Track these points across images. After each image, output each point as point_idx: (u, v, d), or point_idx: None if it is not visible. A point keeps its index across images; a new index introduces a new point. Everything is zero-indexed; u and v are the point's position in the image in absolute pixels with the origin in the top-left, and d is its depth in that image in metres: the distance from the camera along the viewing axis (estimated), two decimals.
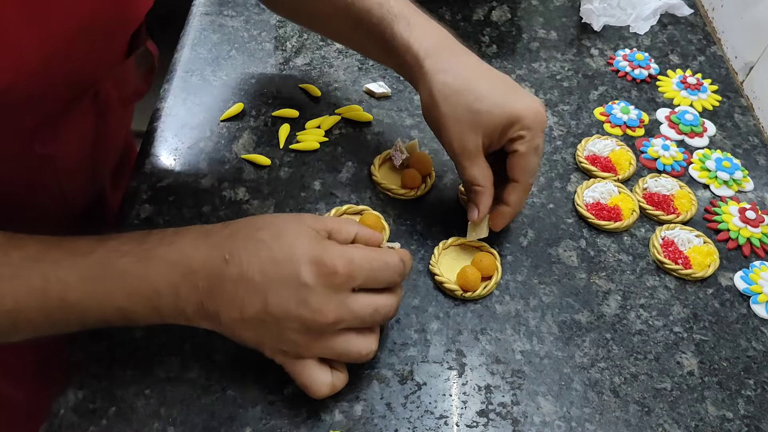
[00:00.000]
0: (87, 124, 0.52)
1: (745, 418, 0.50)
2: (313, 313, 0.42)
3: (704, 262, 0.59)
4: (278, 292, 0.42)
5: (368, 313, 0.44)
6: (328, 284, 0.43)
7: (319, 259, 0.43)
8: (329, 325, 0.43)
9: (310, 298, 0.42)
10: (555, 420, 0.49)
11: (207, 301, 0.43)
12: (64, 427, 0.46)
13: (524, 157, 0.51)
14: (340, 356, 0.45)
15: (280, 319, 0.43)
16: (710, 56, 0.81)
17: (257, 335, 0.44)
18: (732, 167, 0.67)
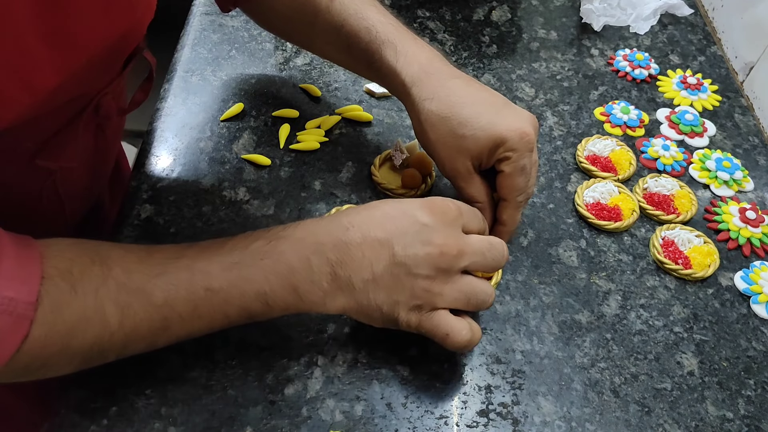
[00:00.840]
0: (87, 136, 0.52)
1: (746, 418, 0.50)
2: (439, 248, 0.45)
3: (704, 262, 0.59)
4: (402, 240, 0.45)
5: (486, 247, 0.47)
6: (444, 221, 0.46)
7: (430, 202, 0.47)
8: (455, 257, 0.45)
9: (432, 236, 0.45)
10: (555, 420, 0.49)
11: (339, 269, 0.45)
12: (65, 426, 0.46)
13: (510, 177, 0.52)
14: (468, 300, 0.46)
15: (411, 266, 0.45)
16: (710, 56, 0.81)
17: (391, 294, 0.45)
18: (732, 167, 0.67)
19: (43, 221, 0.53)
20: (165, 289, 0.43)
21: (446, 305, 0.46)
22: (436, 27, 0.80)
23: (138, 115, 0.68)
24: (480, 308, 0.48)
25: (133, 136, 1.62)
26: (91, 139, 0.53)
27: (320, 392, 0.49)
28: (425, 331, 0.46)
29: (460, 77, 0.54)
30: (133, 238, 0.57)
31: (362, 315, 0.47)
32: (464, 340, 0.46)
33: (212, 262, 0.44)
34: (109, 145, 0.58)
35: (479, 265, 0.47)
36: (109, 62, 0.48)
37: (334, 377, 0.50)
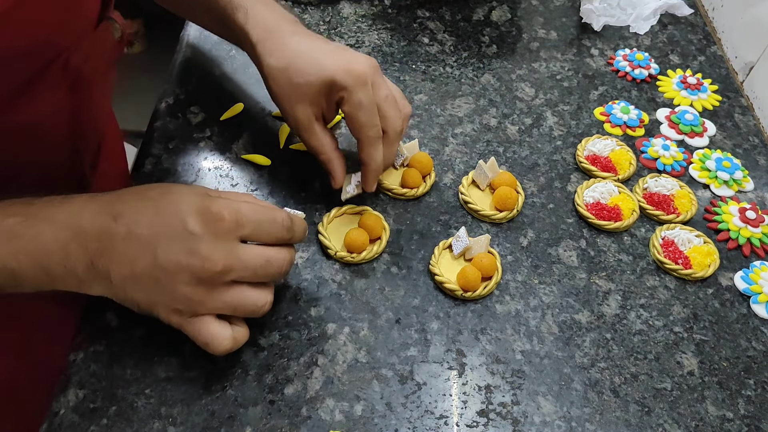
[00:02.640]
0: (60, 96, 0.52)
1: (745, 418, 0.50)
2: (202, 261, 0.43)
3: (704, 262, 0.59)
4: (167, 245, 0.43)
5: (260, 264, 0.45)
6: (215, 232, 0.44)
7: (205, 208, 0.44)
8: (220, 273, 0.44)
9: (198, 247, 0.43)
10: (555, 420, 0.49)
11: (97, 260, 0.43)
12: (64, 426, 0.46)
13: (350, 116, 0.53)
14: (235, 309, 0.45)
15: (171, 272, 0.43)
16: (710, 56, 0.81)
17: (150, 295, 0.44)
18: (732, 167, 0.67)
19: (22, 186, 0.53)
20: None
21: (208, 312, 0.45)
22: (436, 27, 0.80)
23: (138, 115, 0.68)
24: (252, 316, 0.47)
25: (133, 136, 1.62)
26: (65, 98, 0.52)
27: (320, 392, 0.49)
28: (187, 333, 0.46)
29: (300, 33, 0.56)
30: None
31: (119, 302, 0.46)
32: (224, 349, 0.45)
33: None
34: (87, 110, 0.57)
35: (249, 279, 0.46)
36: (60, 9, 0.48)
37: (334, 377, 0.50)
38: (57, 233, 0.43)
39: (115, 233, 0.44)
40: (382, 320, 0.53)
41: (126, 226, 0.44)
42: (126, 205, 0.45)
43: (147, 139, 0.65)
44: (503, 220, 0.61)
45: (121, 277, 0.44)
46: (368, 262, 0.57)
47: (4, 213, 0.43)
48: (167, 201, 0.45)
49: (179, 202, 0.45)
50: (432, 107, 0.70)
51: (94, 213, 0.44)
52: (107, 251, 0.43)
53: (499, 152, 0.67)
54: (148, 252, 0.43)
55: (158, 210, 0.45)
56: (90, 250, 0.43)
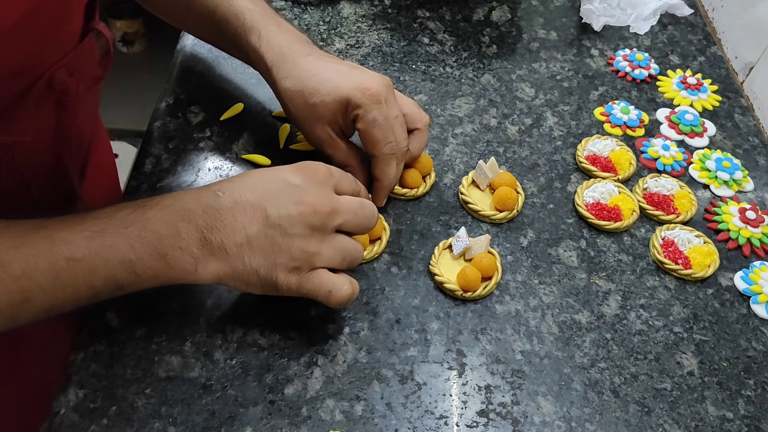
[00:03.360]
0: (45, 112, 0.52)
1: (745, 418, 0.50)
2: (312, 206, 0.46)
3: (704, 262, 0.59)
4: (274, 202, 0.46)
5: (357, 206, 0.49)
6: (314, 181, 0.48)
7: (300, 165, 0.49)
8: (328, 216, 0.47)
9: (303, 196, 0.47)
10: (555, 420, 0.49)
11: (209, 234, 0.45)
12: (64, 426, 0.46)
13: (365, 132, 0.55)
14: (344, 257, 0.48)
15: (285, 226, 0.46)
16: (710, 56, 0.81)
17: (267, 257, 0.46)
18: (732, 167, 0.67)
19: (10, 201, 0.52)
20: (23, 260, 0.41)
21: (324, 264, 0.47)
22: (436, 27, 0.80)
23: (138, 115, 0.68)
24: (352, 265, 0.50)
25: (133, 136, 1.62)
26: (50, 114, 0.52)
27: (320, 392, 0.49)
28: (306, 291, 0.47)
29: (313, 54, 0.57)
30: None
31: (239, 281, 0.47)
32: (347, 295, 0.48)
33: (74, 231, 0.43)
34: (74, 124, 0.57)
35: (352, 224, 0.49)
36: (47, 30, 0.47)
37: (334, 377, 0.50)
38: (165, 216, 0.45)
39: (222, 206, 0.46)
40: (382, 320, 0.53)
41: (230, 197, 0.46)
42: (225, 182, 0.48)
43: (147, 139, 0.65)
44: (503, 220, 0.61)
45: (237, 245, 0.45)
46: (368, 262, 0.57)
47: (114, 209, 0.45)
48: (260, 172, 0.48)
49: (273, 169, 0.49)
50: (432, 107, 0.70)
51: (196, 194, 0.46)
52: (218, 224, 0.45)
53: (499, 152, 0.67)
54: (258, 214, 0.46)
55: (256, 179, 0.48)
56: (200, 226, 0.45)
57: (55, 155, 0.56)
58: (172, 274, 0.45)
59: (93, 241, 0.43)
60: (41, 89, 0.49)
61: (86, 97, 0.57)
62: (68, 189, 0.60)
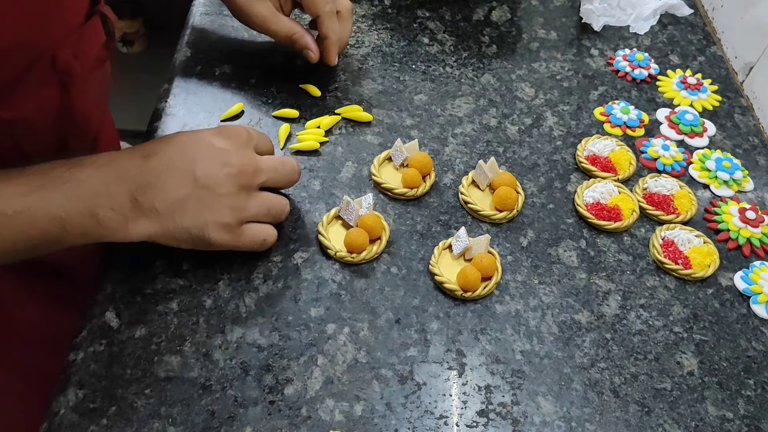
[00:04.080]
0: (49, 92, 0.53)
1: (745, 418, 0.50)
2: (237, 168, 0.50)
3: (704, 262, 0.59)
4: (203, 164, 0.49)
5: (278, 164, 0.53)
6: (238, 144, 0.51)
7: (222, 129, 0.52)
8: (253, 174, 0.51)
9: (229, 158, 0.50)
10: (555, 420, 0.49)
11: (141, 195, 0.47)
12: (64, 426, 0.46)
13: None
14: (269, 210, 0.52)
15: (213, 186, 0.48)
16: (710, 56, 0.81)
17: (197, 216, 0.48)
18: (732, 167, 0.67)
19: None
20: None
21: (251, 217, 0.51)
22: (436, 27, 0.80)
23: (138, 115, 0.68)
24: (279, 218, 0.54)
25: (133, 136, 1.62)
26: (54, 95, 0.54)
27: (320, 392, 0.49)
28: (242, 245, 0.51)
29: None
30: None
31: (170, 239, 0.49)
32: (272, 240, 0.53)
33: (10, 185, 0.45)
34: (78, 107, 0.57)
35: (275, 180, 0.53)
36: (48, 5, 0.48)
37: (334, 377, 0.50)
38: (100, 175, 0.47)
39: (153, 168, 0.48)
40: (382, 320, 0.53)
41: (161, 160, 0.48)
42: (155, 145, 0.50)
43: (147, 139, 0.65)
44: (503, 220, 0.61)
45: (167, 205, 0.47)
46: (368, 262, 0.57)
47: (51, 165, 0.47)
48: (186, 136, 0.51)
49: (200, 132, 0.52)
50: (432, 107, 0.70)
51: (128, 156, 0.49)
52: (149, 186, 0.47)
53: (499, 152, 0.67)
54: (187, 176, 0.48)
55: (185, 142, 0.50)
56: (131, 189, 0.47)
57: (60, 137, 0.56)
58: (102, 232, 0.47)
59: (29, 197, 0.45)
60: (43, 68, 0.51)
61: (91, 82, 0.58)
62: None
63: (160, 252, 0.56)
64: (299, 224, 0.59)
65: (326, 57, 0.65)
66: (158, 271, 0.55)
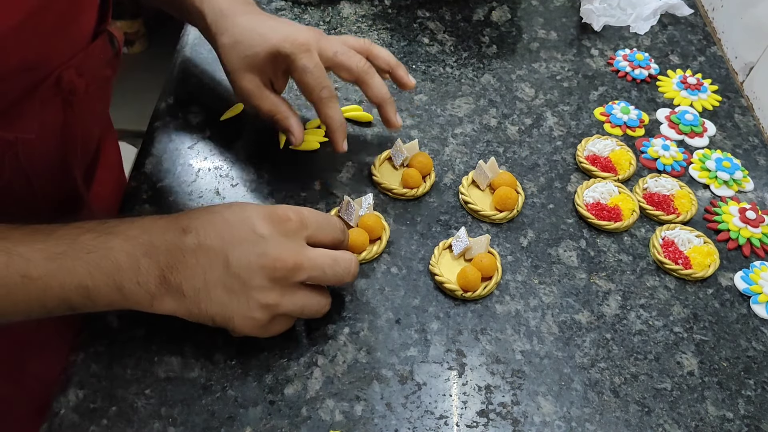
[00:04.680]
0: (52, 111, 0.52)
1: (745, 418, 0.50)
2: (274, 260, 0.45)
3: (704, 262, 0.59)
4: (238, 251, 0.45)
5: (327, 263, 0.47)
6: (282, 232, 0.46)
7: (271, 211, 0.47)
8: (291, 271, 0.45)
9: (268, 248, 0.45)
10: (555, 420, 0.49)
11: (169, 274, 0.44)
12: (64, 426, 0.46)
13: (299, 81, 0.57)
14: (303, 310, 0.48)
15: (244, 277, 0.44)
16: (710, 56, 0.81)
17: (224, 306, 0.45)
18: (732, 167, 0.67)
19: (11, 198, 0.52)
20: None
21: (281, 315, 0.47)
22: (436, 27, 0.80)
23: (138, 115, 0.68)
24: (313, 317, 0.49)
25: (133, 136, 1.62)
26: (57, 113, 0.53)
27: (320, 392, 0.49)
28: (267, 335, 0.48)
29: (251, 13, 0.59)
30: None
31: (194, 319, 0.46)
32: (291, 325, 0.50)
33: (35, 249, 0.42)
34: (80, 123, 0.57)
35: (319, 280, 0.47)
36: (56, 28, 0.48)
37: (334, 377, 0.50)
38: (129, 248, 0.44)
39: (186, 246, 0.45)
40: (382, 320, 0.53)
41: (196, 238, 0.45)
42: (193, 219, 0.46)
43: (147, 139, 0.65)
44: (503, 220, 0.61)
45: (194, 289, 0.44)
46: (368, 262, 0.57)
47: (80, 230, 0.44)
48: (232, 212, 0.47)
49: (245, 210, 0.47)
50: (432, 107, 0.70)
51: (163, 228, 0.45)
52: (179, 264, 0.44)
53: (499, 152, 0.67)
54: (219, 260, 0.44)
55: (225, 220, 0.46)
56: (161, 264, 0.44)
57: (61, 154, 0.56)
58: (127, 304, 0.45)
59: (52, 263, 0.42)
60: (49, 87, 0.50)
61: (95, 98, 0.58)
62: (72, 188, 0.60)
63: None
64: None
65: (333, 145, 0.59)
66: None
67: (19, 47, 0.44)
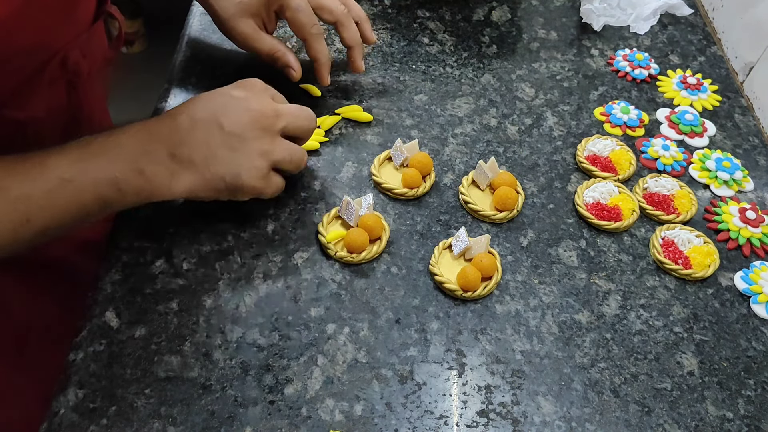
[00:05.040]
0: (58, 92, 0.55)
1: (745, 418, 0.50)
2: (259, 112, 0.52)
3: (704, 262, 0.59)
4: (226, 115, 0.51)
5: (296, 109, 0.55)
6: (254, 91, 0.54)
7: (239, 82, 0.55)
8: (275, 117, 0.53)
9: (250, 104, 0.53)
10: (555, 420, 0.49)
11: (177, 151, 0.50)
12: (64, 426, 0.46)
13: (293, 20, 0.62)
14: (291, 157, 0.55)
15: (239, 132, 0.51)
16: (710, 56, 0.81)
17: (231, 164, 0.51)
18: (732, 167, 0.67)
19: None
20: (20, 183, 0.46)
21: (277, 162, 0.53)
22: (436, 27, 0.80)
23: (138, 115, 0.68)
24: (300, 167, 0.56)
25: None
26: (62, 94, 0.55)
27: (320, 392, 0.49)
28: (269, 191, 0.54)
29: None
30: (132, 237, 0.57)
31: (209, 190, 0.52)
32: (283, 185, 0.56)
33: (63, 154, 0.48)
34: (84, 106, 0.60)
35: (294, 125, 0.55)
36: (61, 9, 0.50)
37: (334, 377, 0.50)
38: (138, 139, 0.50)
39: (182, 125, 0.51)
40: (382, 320, 0.53)
41: (188, 116, 0.51)
42: (181, 106, 0.53)
43: None
44: (503, 220, 0.61)
45: (202, 156, 0.50)
46: (368, 262, 0.57)
47: (89, 138, 0.50)
48: (212, 92, 0.53)
49: (221, 89, 0.54)
50: (432, 107, 0.70)
51: (159, 119, 0.52)
52: (182, 141, 0.50)
53: (499, 152, 0.67)
54: (215, 127, 0.51)
55: (205, 98, 0.53)
56: (168, 145, 0.50)
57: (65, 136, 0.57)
58: (151, 188, 0.50)
59: (80, 164, 0.48)
60: (55, 68, 0.52)
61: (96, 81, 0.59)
62: None
63: (160, 252, 0.56)
64: (299, 224, 0.59)
65: (319, 78, 0.65)
66: (158, 271, 0.55)
67: (24, 29, 0.46)
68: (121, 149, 0.49)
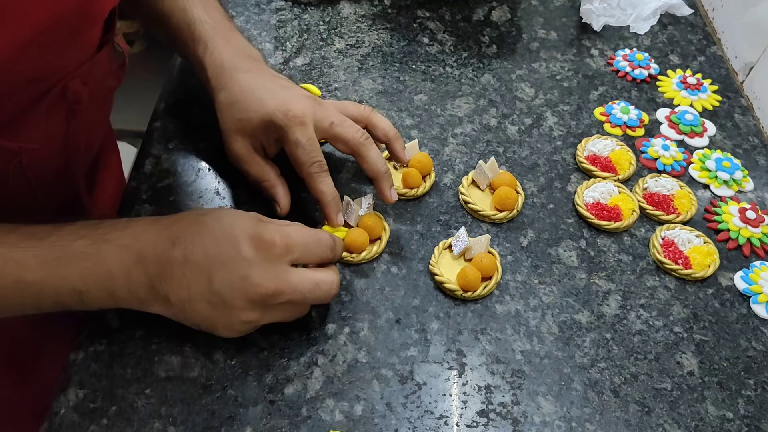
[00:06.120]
0: (56, 120, 0.52)
1: (745, 418, 0.50)
2: (255, 286, 0.46)
3: (704, 262, 0.59)
4: (221, 271, 0.46)
5: (308, 288, 0.48)
6: (267, 257, 0.46)
7: (258, 234, 0.47)
8: (271, 296, 0.46)
9: (250, 272, 0.46)
10: (555, 420, 0.49)
11: (157, 284, 0.46)
12: (64, 426, 0.46)
13: (291, 154, 0.56)
14: (285, 318, 0.49)
15: (226, 297, 0.46)
16: (710, 56, 0.81)
17: (207, 317, 0.47)
18: (732, 167, 0.67)
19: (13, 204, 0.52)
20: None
21: (262, 324, 0.49)
22: (436, 27, 0.80)
23: (138, 115, 0.68)
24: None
25: (133, 136, 1.62)
26: (61, 122, 0.53)
27: (320, 392, 0.49)
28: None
29: (251, 71, 0.58)
30: None
31: (180, 322, 0.48)
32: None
33: (29, 255, 0.44)
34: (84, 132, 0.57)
35: (301, 301, 0.49)
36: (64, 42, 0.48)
37: (334, 377, 0.50)
38: (121, 257, 0.45)
39: (173, 259, 0.46)
40: (382, 320, 0.53)
41: (183, 251, 0.46)
42: (183, 231, 0.47)
43: (147, 139, 0.65)
44: (503, 220, 0.61)
45: (180, 300, 0.46)
46: (368, 262, 0.57)
47: (74, 236, 0.45)
48: (221, 226, 0.47)
49: (232, 227, 0.47)
50: (432, 107, 0.70)
51: (154, 237, 0.47)
52: (166, 276, 0.46)
53: (499, 152, 0.67)
54: (203, 277, 0.46)
55: (213, 236, 0.47)
56: (150, 274, 0.46)
57: (64, 162, 0.56)
58: (118, 305, 0.47)
59: (46, 268, 0.44)
60: (54, 97, 0.50)
61: (98, 107, 0.58)
62: (73, 194, 0.60)
63: None
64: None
65: (326, 219, 0.57)
66: None
67: (28, 62, 0.45)
68: (99, 263, 0.45)
